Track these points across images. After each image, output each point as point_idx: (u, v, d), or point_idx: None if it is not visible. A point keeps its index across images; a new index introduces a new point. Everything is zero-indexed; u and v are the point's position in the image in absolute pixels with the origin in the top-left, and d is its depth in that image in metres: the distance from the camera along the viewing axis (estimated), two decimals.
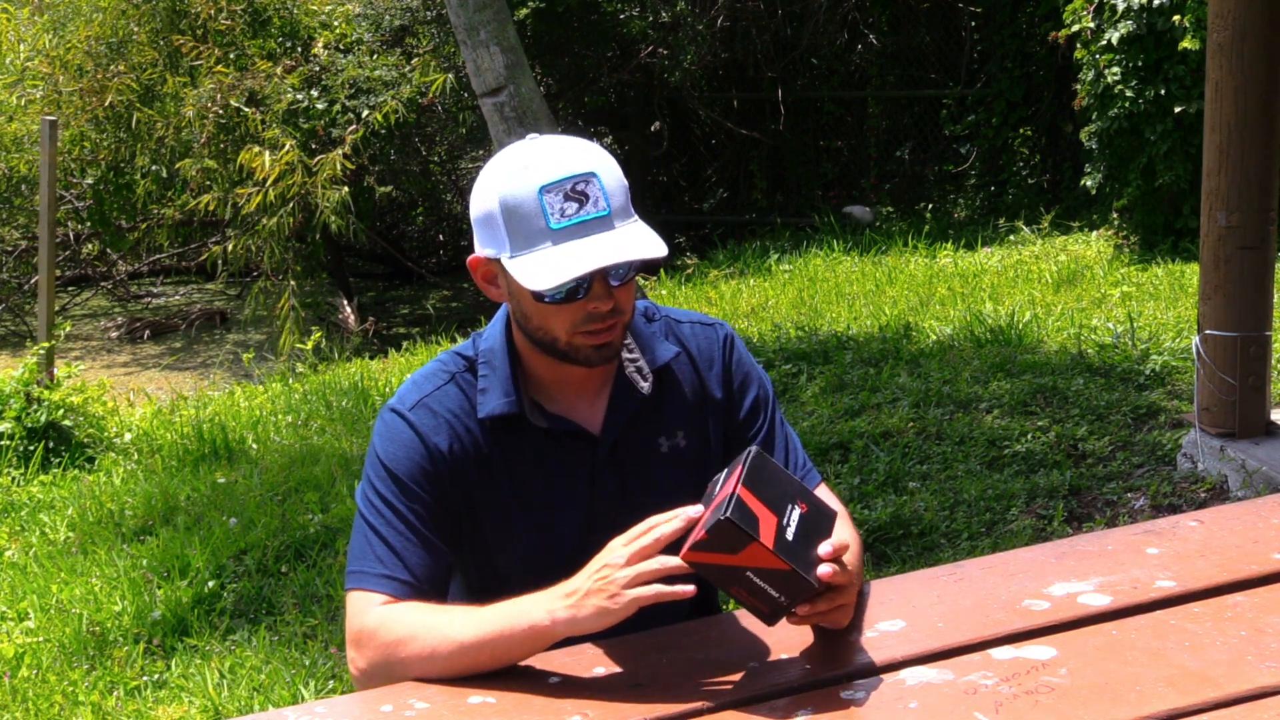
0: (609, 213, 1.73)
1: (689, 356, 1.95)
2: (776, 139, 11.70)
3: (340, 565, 4.19)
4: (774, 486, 1.61)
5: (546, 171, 1.72)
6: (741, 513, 1.54)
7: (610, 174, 1.75)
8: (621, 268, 1.76)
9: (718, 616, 1.94)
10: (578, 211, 1.71)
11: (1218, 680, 1.54)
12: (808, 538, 1.60)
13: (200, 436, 5.74)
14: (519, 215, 1.72)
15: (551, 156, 1.74)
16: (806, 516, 1.62)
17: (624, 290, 1.78)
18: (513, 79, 8.05)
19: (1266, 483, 4.00)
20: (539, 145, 1.77)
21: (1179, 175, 7.69)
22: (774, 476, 1.64)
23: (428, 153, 11.45)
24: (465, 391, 1.86)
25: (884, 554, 4.02)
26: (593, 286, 1.75)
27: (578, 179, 1.72)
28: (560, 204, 1.71)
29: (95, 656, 3.81)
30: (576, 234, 1.71)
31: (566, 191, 1.71)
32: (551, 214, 1.71)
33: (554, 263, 1.70)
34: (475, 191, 1.80)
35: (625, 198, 1.77)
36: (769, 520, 1.56)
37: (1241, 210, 4.15)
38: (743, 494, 1.56)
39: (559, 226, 1.71)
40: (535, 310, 1.78)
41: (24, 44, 10.68)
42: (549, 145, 1.77)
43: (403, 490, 1.80)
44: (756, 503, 1.57)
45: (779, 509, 1.59)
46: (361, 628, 1.73)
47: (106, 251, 11.71)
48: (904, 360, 5.64)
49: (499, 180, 1.76)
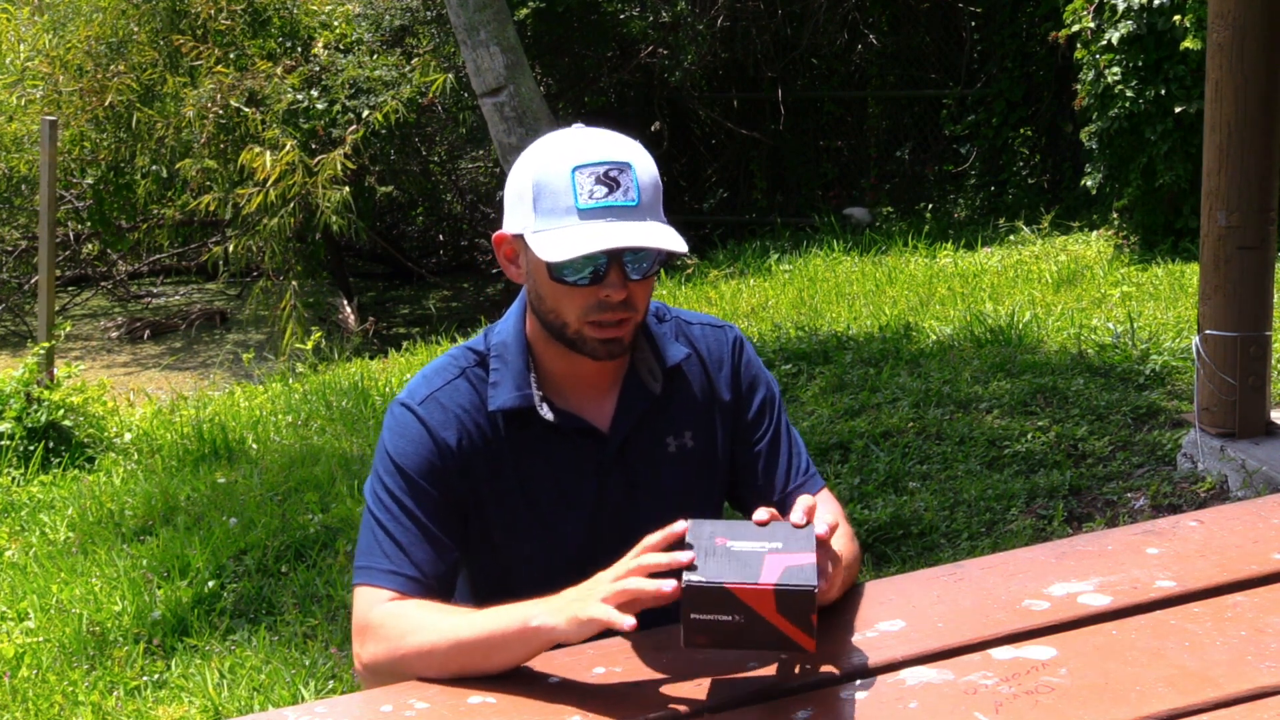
0: (638, 204, 1.74)
1: (699, 358, 1.96)
2: (776, 139, 11.71)
3: (340, 565, 4.19)
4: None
5: (583, 153, 1.74)
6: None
7: (646, 171, 1.76)
8: (644, 261, 1.76)
9: None
10: (606, 196, 1.72)
11: (1218, 680, 1.54)
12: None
13: (200, 436, 5.74)
14: (549, 191, 1.74)
15: (591, 141, 1.76)
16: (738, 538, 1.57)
17: (640, 286, 1.78)
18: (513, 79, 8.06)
19: (1266, 483, 4.00)
20: (582, 131, 1.80)
21: (1179, 175, 7.69)
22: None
23: (428, 153, 11.46)
24: (475, 386, 1.86)
25: (884, 554, 4.02)
26: (609, 273, 1.75)
27: (612, 165, 1.73)
28: (591, 185, 1.72)
29: (95, 656, 3.81)
30: (602, 216, 1.72)
31: (599, 175, 1.72)
32: (580, 193, 1.72)
33: (574, 238, 1.71)
34: (512, 170, 1.82)
35: (657, 197, 1.78)
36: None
37: (1241, 210, 4.15)
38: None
39: (586, 207, 1.72)
40: (549, 291, 1.78)
41: (24, 44, 10.69)
42: (591, 133, 1.79)
43: (411, 486, 1.80)
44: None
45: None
46: (365, 623, 1.73)
47: (106, 251, 11.72)
48: (904, 360, 5.63)
49: (536, 158, 1.78)
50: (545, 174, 1.75)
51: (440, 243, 13.05)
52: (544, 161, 1.76)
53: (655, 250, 1.77)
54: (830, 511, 1.91)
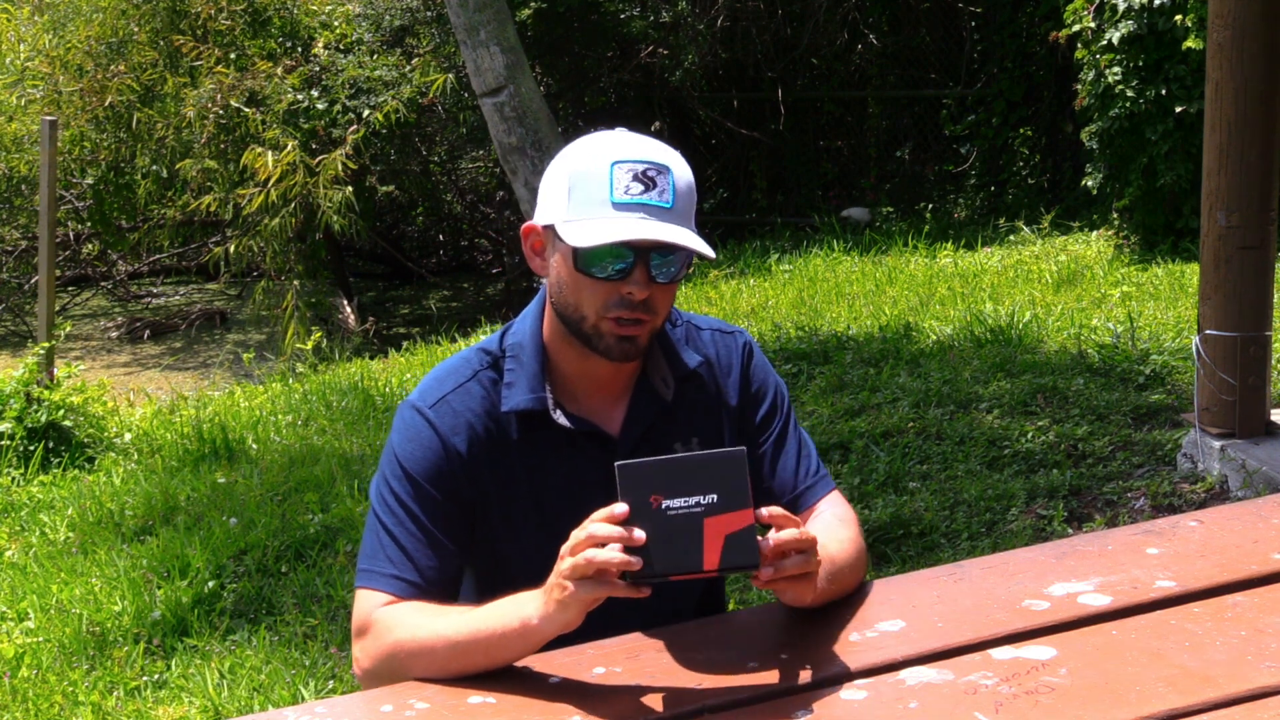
0: (672, 206, 1.74)
1: (709, 363, 1.96)
2: (776, 139, 11.71)
3: (340, 565, 4.19)
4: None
5: (624, 150, 1.75)
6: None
7: (683, 178, 1.77)
8: (671, 265, 1.76)
9: (717, 616, 1.94)
10: (642, 194, 1.73)
11: (1218, 680, 1.54)
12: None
13: (200, 436, 5.74)
14: (585, 182, 1.74)
15: (633, 141, 1.77)
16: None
17: (662, 291, 1.78)
18: (513, 79, 8.06)
19: (1266, 483, 3.99)
20: (625, 133, 1.81)
21: (1179, 175, 7.68)
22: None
23: (428, 153, 11.46)
24: (487, 390, 1.85)
25: (884, 554, 4.02)
26: (634, 271, 1.75)
27: (651, 166, 1.74)
28: (628, 181, 1.73)
29: (95, 656, 3.81)
30: (635, 211, 1.72)
31: (637, 173, 1.73)
32: (617, 187, 1.72)
33: (605, 228, 1.71)
34: (550, 165, 1.82)
35: (691, 206, 1.78)
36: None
37: (1241, 210, 4.15)
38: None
39: (620, 201, 1.72)
40: (572, 281, 1.78)
41: (24, 44, 10.68)
42: (634, 135, 1.80)
43: (417, 490, 1.80)
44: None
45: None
46: (365, 626, 1.74)
47: (106, 251, 11.73)
48: (904, 360, 5.63)
49: (576, 152, 1.79)
50: (584, 166, 1.75)
51: (440, 243, 13.05)
52: (584, 155, 1.77)
53: (683, 255, 1.77)
54: (837, 516, 1.91)
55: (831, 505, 1.94)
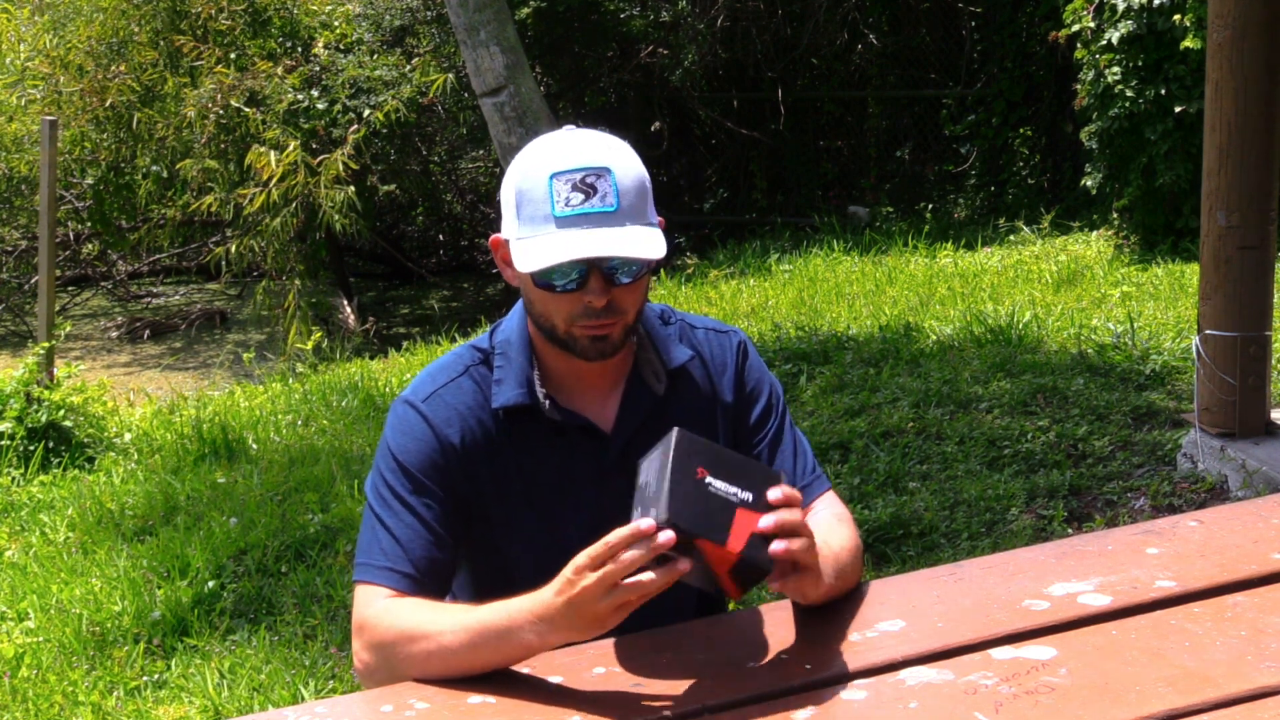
0: (616, 209, 1.73)
1: (702, 361, 1.96)
2: (776, 139, 11.71)
3: (340, 565, 4.19)
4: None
5: (562, 159, 1.74)
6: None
7: (627, 174, 1.75)
8: (630, 265, 1.76)
9: (718, 617, 1.94)
10: (583, 203, 1.72)
11: (1218, 680, 1.54)
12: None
13: (200, 436, 5.74)
14: (529, 199, 1.74)
15: (572, 147, 1.76)
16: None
17: (626, 291, 1.78)
18: (513, 79, 8.06)
19: (1266, 483, 3.99)
20: (565, 136, 1.80)
21: (1179, 175, 7.68)
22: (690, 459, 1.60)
23: (428, 153, 11.46)
24: (479, 385, 1.87)
25: (884, 554, 4.02)
26: (589, 280, 1.75)
27: (589, 171, 1.73)
28: (568, 193, 1.72)
29: (95, 656, 3.81)
30: (579, 224, 1.72)
31: (576, 182, 1.72)
32: (558, 201, 1.72)
33: (549, 247, 1.71)
34: (506, 173, 1.83)
35: (641, 199, 1.76)
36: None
37: (1241, 210, 4.15)
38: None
39: (563, 215, 1.72)
40: (537, 296, 1.80)
41: (24, 44, 10.68)
42: (574, 137, 1.78)
43: (412, 483, 1.81)
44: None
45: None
46: (363, 621, 1.74)
47: (106, 251, 11.73)
48: (904, 360, 5.63)
49: (520, 164, 1.79)
50: (526, 181, 1.76)
51: (440, 243, 13.05)
52: (526, 168, 1.77)
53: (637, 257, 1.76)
54: (835, 514, 1.91)
55: (828, 504, 1.94)
